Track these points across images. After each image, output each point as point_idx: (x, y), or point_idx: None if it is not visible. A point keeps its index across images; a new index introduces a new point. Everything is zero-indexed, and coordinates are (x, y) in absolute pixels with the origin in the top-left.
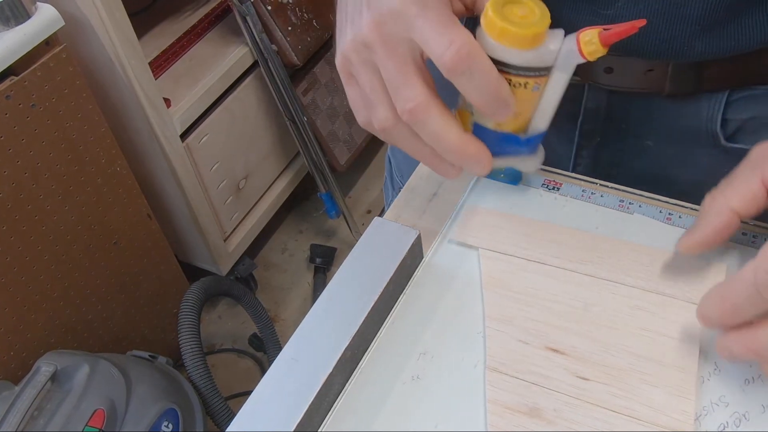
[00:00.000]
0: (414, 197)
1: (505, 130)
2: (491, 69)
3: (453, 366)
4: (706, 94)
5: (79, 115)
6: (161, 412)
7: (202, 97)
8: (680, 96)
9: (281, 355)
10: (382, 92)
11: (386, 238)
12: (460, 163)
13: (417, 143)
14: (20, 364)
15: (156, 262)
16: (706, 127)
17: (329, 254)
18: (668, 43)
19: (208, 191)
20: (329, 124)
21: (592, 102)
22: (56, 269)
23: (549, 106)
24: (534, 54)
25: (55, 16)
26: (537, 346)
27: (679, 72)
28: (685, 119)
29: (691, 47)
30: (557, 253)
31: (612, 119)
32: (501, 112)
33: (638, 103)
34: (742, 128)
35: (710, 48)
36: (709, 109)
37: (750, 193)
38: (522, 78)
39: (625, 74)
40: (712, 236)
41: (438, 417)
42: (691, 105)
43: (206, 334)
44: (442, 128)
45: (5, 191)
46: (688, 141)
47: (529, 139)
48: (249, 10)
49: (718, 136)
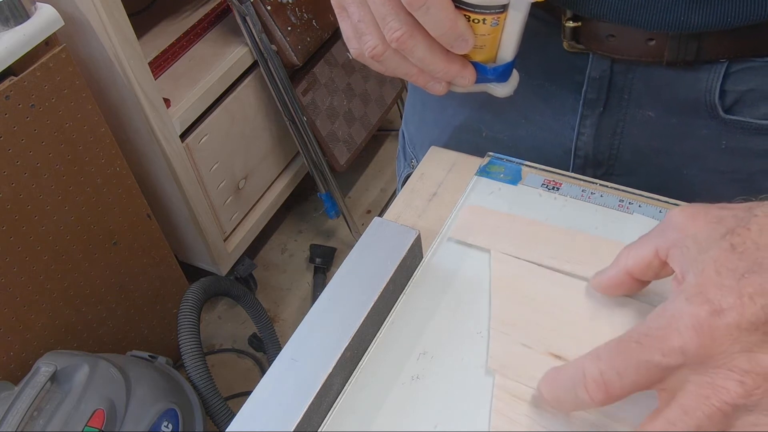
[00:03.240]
0: (414, 197)
1: (475, 60)
2: (446, 4)
3: (453, 366)
4: (705, 64)
5: (78, 116)
6: (161, 412)
7: (201, 97)
8: (680, 66)
9: (281, 355)
10: (372, 23)
11: (386, 238)
12: (448, 79)
13: (406, 66)
14: (20, 364)
15: (156, 262)
16: (705, 98)
17: (329, 254)
18: (665, 14)
19: (208, 191)
20: (329, 124)
21: (596, 71)
22: (56, 269)
23: (511, 40)
24: None
25: (54, 16)
26: (540, 351)
27: (677, 42)
28: (685, 90)
29: (689, 18)
30: (557, 254)
31: (614, 88)
32: (458, 45)
33: (640, 73)
34: (740, 100)
35: (707, 20)
36: (708, 79)
37: (643, 260)
38: (479, 15)
39: (627, 43)
40: (610, 288)
41: (438, 417)
42: (691, 75)
43: (206, 334)
44: (427, 52)
45: (5, 191)
46: (688, 112)
47: (496, 68)
48: (248, 10)
49: (717, 108)
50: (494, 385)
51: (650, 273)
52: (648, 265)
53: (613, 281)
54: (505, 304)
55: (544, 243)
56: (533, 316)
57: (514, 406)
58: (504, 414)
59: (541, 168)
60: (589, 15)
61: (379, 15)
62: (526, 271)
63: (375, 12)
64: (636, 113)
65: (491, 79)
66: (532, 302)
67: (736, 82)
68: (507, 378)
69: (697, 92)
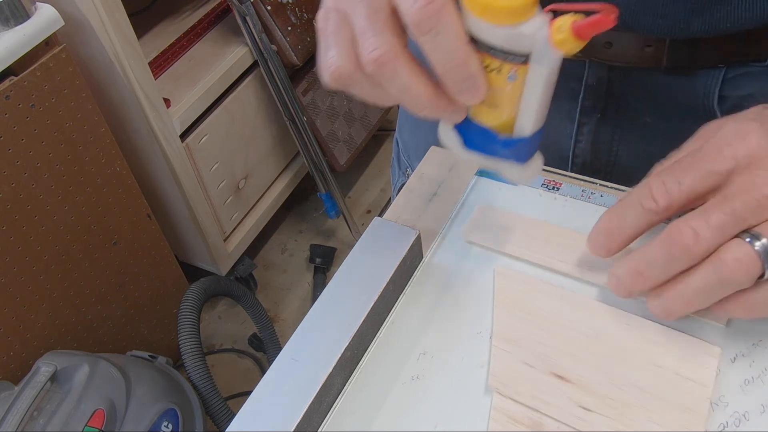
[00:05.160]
0: (414, 197)
1: (485, 123)
2: (460, 33)
3: (453, 366)
4: (703, 70)
5: (78, 116)
6: (161, 412)
7: (201, 97)
8: (678, 71)
9: (281, 355)
10: (344, 38)
11: (386, 238)
12: (432, 115)
13: (377, 92)
14: (20, 364)
15: (156, 262)
16: (704, 104)
17: (329, 254)
18: (665, 21)
19: (208, 191)
20: (329, 124)
21: (593, 78)
22: (56, 269)
23: (531, 105)
24: (507, 32)
25: (54, 16)
26: (542, 371)
27: (675, 48)
28: (683, 95)
29: (687, 25)
30: (568, 258)
31: (612, 95)
32: (466, 89)
33: (637, 79)
34: (739, 105)
35: (706, 26)
36: (706, 85)
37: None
38: (495, 60)
39: (624, 49)
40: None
41: (438, 417)
42: (689, 81)
43: (206, 334)
44: (410, 79)
45: (5, 191)
46: (686, 117)
47: (511, 141)
48: (248, 10)
49: (716, 113)
50: (492, 407)
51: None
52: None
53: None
54: (508, 320)
55: (556, 246)
56: (536, 334)
57: (511, 429)
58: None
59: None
60: None
61: (359, 29)
62: (531, 286)
63: (355, 25)
64: (634, 119)
65: (504, 154)
66: (535, 319)
67: (734, 88)
68: (505, 398)
69: (696, 97)
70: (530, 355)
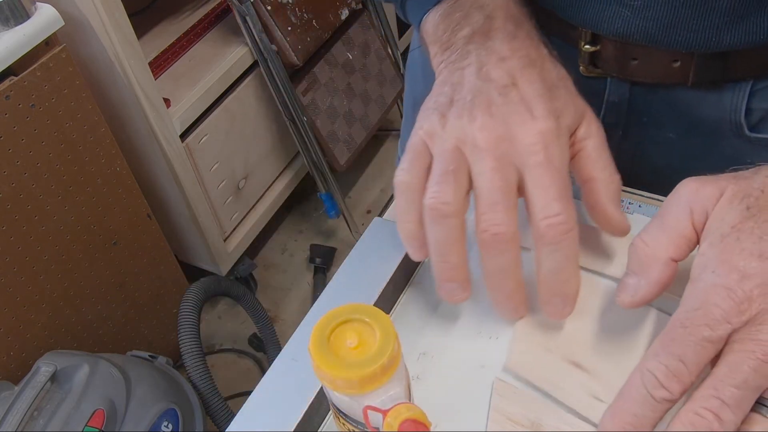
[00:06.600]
0: None
1: None
2: (575, 256)
3: (453, 366)
4: (730, 84)
5: (78, 115)
6: (161, 412)
7: (201, 97)
8: (704, 86)
9: (281, 356)
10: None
11: (386, 238)
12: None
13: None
14: (20, 364)
15: (156, 262)
16: (730, 118)
17: (329, 254)
18: (697, 35)
19: (208, 191)
20: (329, 124)
21: (615, 95)
22: (56, 269)
23: None
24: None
25: (54, 16)
26: (560, 357)
27: (703, 62)
28: (709, 109)
29: (720, 38)
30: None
31: (634, 112)
32: (556, 304)
33: (661, 95)
34: (766, 118)
35: (739, 39)
36: (733, 98)
37: (684, 240)
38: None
39: (650, 65)
40: (659, 291)
41: (438, 417)
42: (715, 95)
43: (206, 334)
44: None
45: (5, 191)
46: (711, 132)
47: None
48: (249, 10)
49: (742, 126)
50: (491, 408)
51: (687, 252)
52: (687, 243)
53: (664, 281)
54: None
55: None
56: (559, 323)
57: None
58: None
59: None
60: (614, 36)
61: (490, 199)
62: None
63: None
64: (656, 135)
65: None
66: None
67: (762, 100)
68: (505, 398)
69: (722, 111)
70: (551, 341)
